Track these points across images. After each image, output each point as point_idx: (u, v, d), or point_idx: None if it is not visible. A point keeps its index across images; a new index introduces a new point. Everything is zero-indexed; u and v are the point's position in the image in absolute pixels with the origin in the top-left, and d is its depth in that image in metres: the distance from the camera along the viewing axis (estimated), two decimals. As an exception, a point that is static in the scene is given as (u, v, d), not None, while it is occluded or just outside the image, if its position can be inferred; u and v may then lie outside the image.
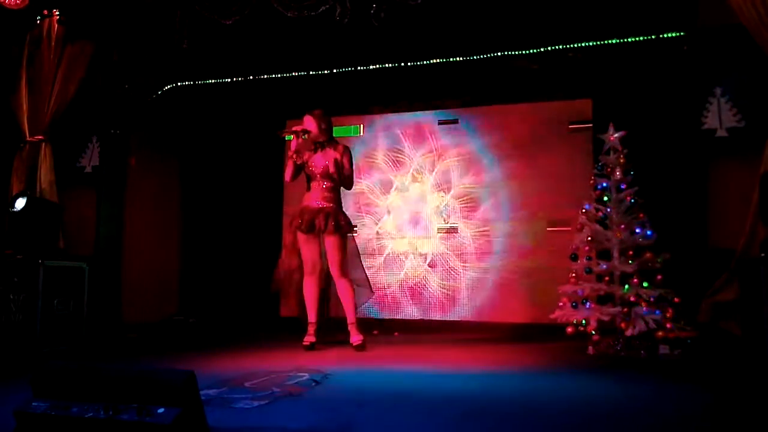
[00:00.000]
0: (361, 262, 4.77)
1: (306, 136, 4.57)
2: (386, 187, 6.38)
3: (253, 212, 6.68)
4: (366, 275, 4.76)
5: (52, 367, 2.05)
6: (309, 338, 4.50)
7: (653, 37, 5.23)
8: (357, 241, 4.87)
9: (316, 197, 4.55)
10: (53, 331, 4.49)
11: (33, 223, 4.68)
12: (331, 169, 4.51)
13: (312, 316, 4.57)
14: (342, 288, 4.51)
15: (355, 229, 4.83)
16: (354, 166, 4.73)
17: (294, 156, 4.56)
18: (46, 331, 4.43)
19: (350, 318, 4.50)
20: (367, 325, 5.11)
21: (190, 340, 5.30)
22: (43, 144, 5.19)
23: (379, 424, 2.34)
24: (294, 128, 4.62)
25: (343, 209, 4.68)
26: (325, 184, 4.54)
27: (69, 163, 5.92)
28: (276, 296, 6.48)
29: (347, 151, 4.62)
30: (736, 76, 4.91)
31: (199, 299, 6.50)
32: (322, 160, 4.55)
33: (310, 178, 4.60)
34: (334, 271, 4.49)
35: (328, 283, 4.72)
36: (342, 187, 4.65)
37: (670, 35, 5.19)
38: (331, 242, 4.45)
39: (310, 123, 4.59)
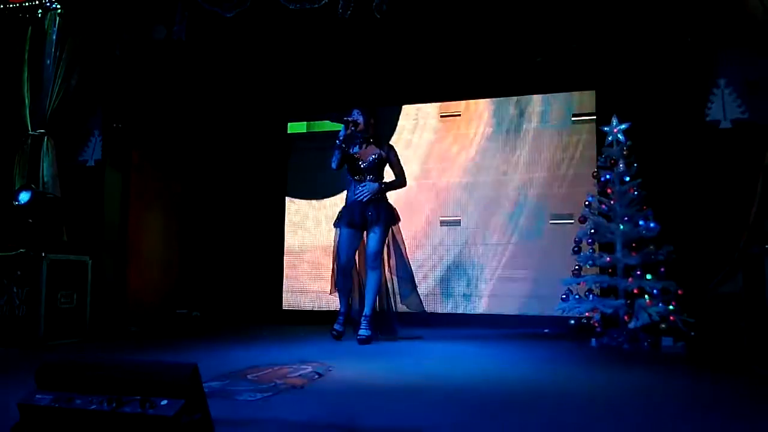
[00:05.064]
0: (406, 258, 4.81)
1: (354, 128, 4.63)
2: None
3: (256, 205, 6.68)
4: (413, 278, 4.84)
5: (56, 360, 2.05)
6: (338, 328, 4.59)
7: (657, 28, 5.20)
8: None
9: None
10: (57, 324, 4.51)
11: (36, 217, 4.69)
12: (377, 164, 4.60)
13: (343, 306, 4.67)
14: (370, 279, 4.56)
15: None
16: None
17: (342, 146, 4.60)
18: (50, 324, 4.45)
19: (366, 310, 4.54)
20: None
21: (194, 333, 5.31)
22: (46, 138, 5.19)
23: (382, 416, 2.34)
24: (345, 118, 4.65)
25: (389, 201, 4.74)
26: (371, 177, 4.61)
27: (71, 157, 5.92)
28: (279, 288, 6.52)
29: (393, 149, 4.72)
30: (739, 68, 4.89)
31: (203, 292, 6.51)
32: (367, 155, 4.63)
33: (355, 172, 4.66)
34: (369, 261, 4.56)
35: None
36: (398, 187, 4.72)
37: (673, 26, 5.15)
38: (374, 232, 4.54)
39: (358, 116, 4.65)
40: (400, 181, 4.70)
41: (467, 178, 6.09)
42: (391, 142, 5.02)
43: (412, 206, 6.24)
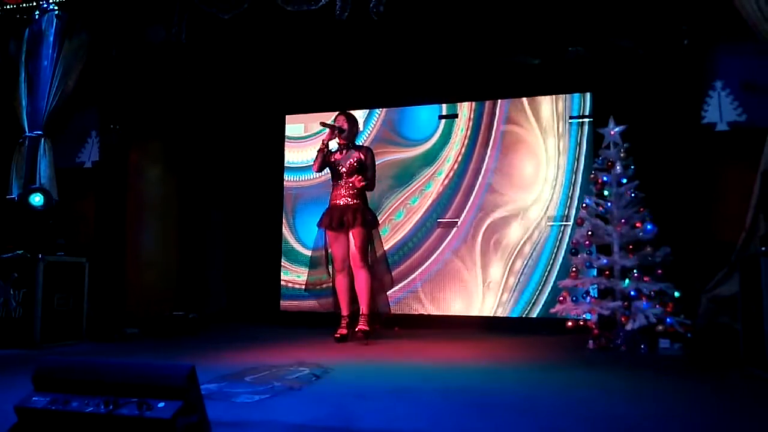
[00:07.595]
0: (386, 262, 4.97)
1: (339, 133, 4.79)
2: (386, 180, 6.36)
3: (253, 206, 6.67)
4: (390, 279, 5.00)
5: (53, 362, 2.05)
6: (341, 330, 4.65)
7: (653, 30, 5.21)
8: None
9: (342, 195, 4.75)
10: (53, 326, 4.50)
11: (33, 219, 4.68)
12: (356, 168, 4.72)
13: (344, 309, 4.74)
14: (360, 278, 4.64)
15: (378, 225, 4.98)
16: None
17: (324, 149, 4.77)
18: (47, 326, 4.44)
19: (363, 309, 4.62)
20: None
21: (191, 334, 5.30)
22: (43, 139, 5.18)
23: (379, 418, 2.34)
24: (331, 123, 4.82)
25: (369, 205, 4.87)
26: (351, 182, 4.71)
27: (68, 159, 5.92)
28: (276, 290, 6.52)
29: (370, 152, 4.86)
30: (736, 70, 4.90)
31: (199, 294, 6.50)
32: (348, 160, 4.76)
33: (336, 177, 4.82)
34: (355, 261, 4.64)
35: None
36: (366, 189, 4.84)
37: (669, 28, 5.16)
38: (355, 233, 4.64)
39: (343, 122, 4.82)
40: (368, 184, 4.78)
41: (464, 179, 6.09)
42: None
43: (410, 207, 6.25)
